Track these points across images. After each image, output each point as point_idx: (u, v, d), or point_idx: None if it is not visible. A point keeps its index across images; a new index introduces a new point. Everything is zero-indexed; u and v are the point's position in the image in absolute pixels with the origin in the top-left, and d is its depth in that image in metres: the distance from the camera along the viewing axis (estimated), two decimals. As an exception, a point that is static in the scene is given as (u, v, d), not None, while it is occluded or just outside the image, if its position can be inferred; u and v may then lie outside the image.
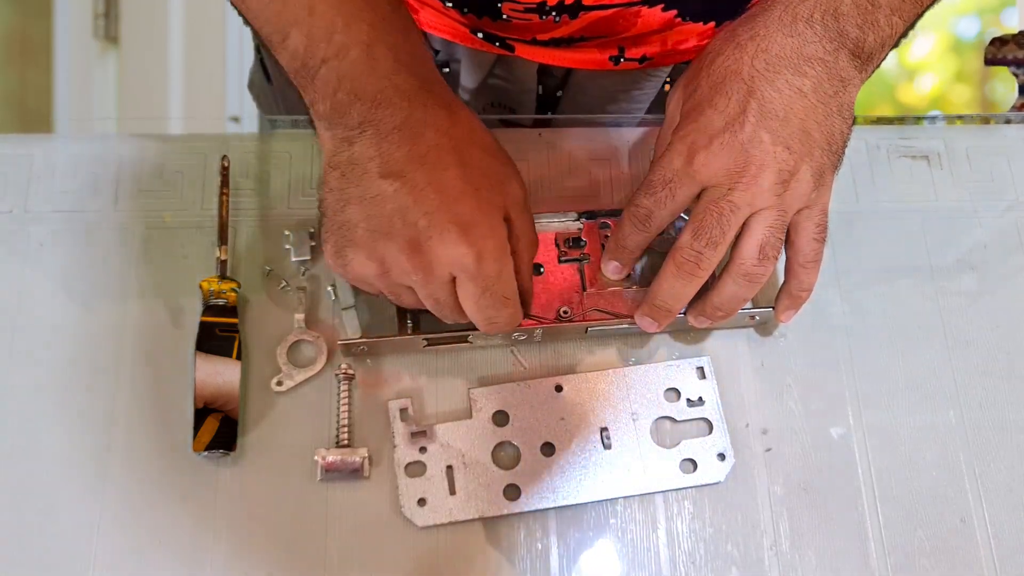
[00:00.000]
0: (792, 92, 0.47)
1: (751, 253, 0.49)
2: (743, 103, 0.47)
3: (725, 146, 0.47)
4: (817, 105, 0.48)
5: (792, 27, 0.48)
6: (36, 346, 0.55)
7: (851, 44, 0.48)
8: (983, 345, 0.59)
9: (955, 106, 1.89)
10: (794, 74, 0.48)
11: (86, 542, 0.51)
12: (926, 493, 0.55)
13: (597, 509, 0.53)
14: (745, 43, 0.48)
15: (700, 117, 0.48)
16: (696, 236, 0.49)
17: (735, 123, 0.47)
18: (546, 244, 0.57)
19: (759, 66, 0.48)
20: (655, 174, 0.50)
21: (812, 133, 0.48)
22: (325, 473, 0.52)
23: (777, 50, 0.48)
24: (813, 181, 0.49)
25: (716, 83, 0.48)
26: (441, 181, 0.46)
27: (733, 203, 0.48)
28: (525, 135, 0.63)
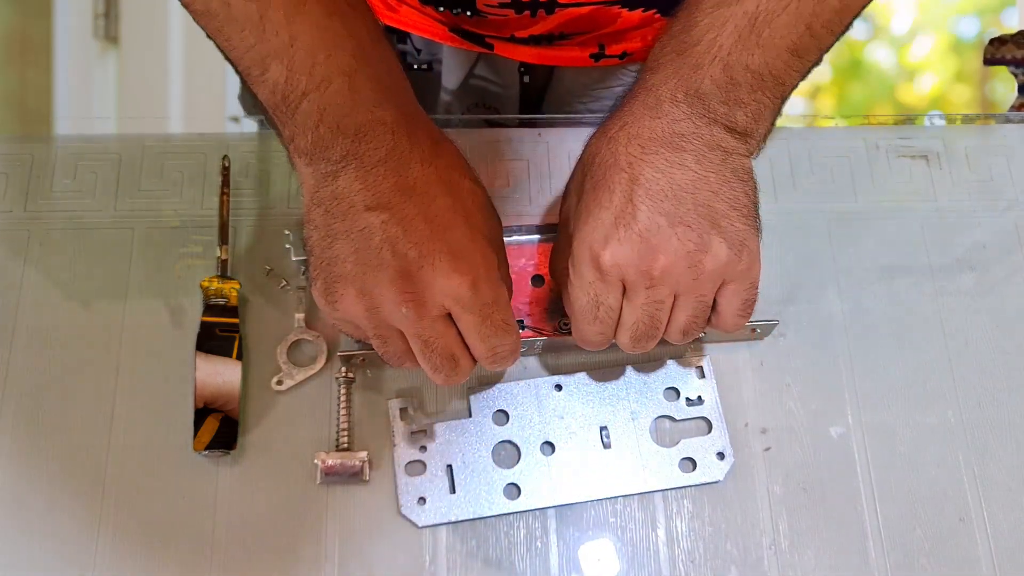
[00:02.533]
0: (675, 168, 0.46)
1: (675, 335, 0.50)
2: (628, 192, 0.46)
3: (623, 241, 0.46)
4: (707, 175, 0.46)
5: (657, 109, 0.47)
6: (36, 346, 0.55)
7: (723, 120, 0.46)
8: (982, 344, 0.59)
9: (955, 106, 1.89)
10: (672, 151, 0.46)
11: (86, 542, 0.51)
12: (925, 492, 0.55)
13: (597, 508, 0.53)
14: (616, 134, 0.47)
15: (590, 219, 0.47)
16: (635, 340, 0.49)
17: (625, 215, 0.46)
18: (547, 255, 0.57)
19: (634, 151, 0.47)
20: (580, 300, 0.49)
21: (711, 204, 0.46)
22: (325, 476, 0.52)
23: (648, 133, 0.47)
24: (731, 252, 0.47)
25: (597, 181, 0.47)
26: (430, 211, 0.45)
27: (656, 301, 0.47)
28: (525, 135, 0.63)
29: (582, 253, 0.47)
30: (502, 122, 0.70)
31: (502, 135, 0.63)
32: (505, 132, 0.64)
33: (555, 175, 0.62)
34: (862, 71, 1.89)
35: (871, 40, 1.93)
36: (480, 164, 0.62)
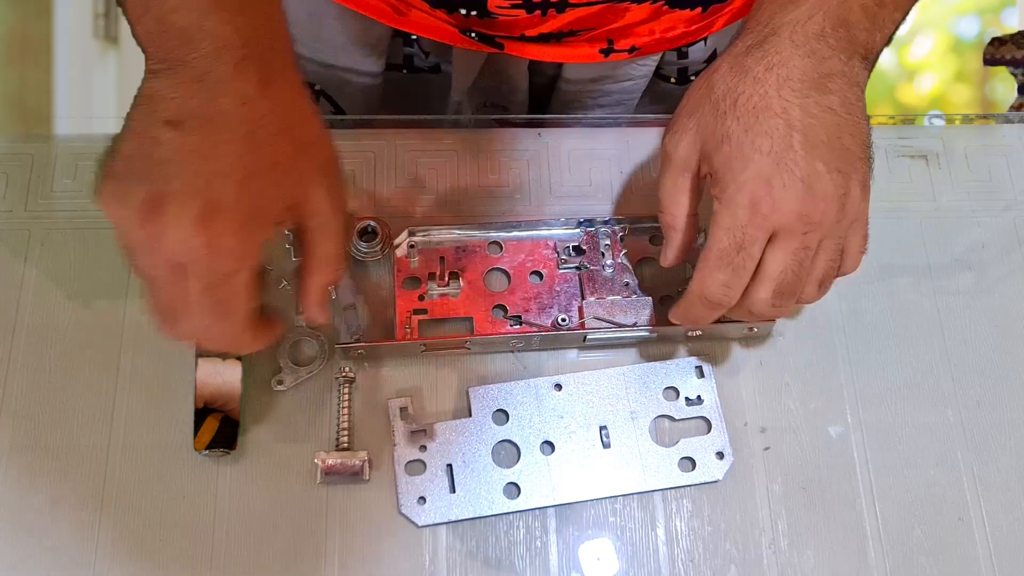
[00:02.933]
0: (825, 113, 0.46)
1: (812, 287, 0.48)
2: (787, 138, 0.46)
3: (788, 188, 0.45)
4: (847, 118, 0.47)
5: (806, 47, 0.46)
6: (36, 346, 0.55)
7: (862, 49, 0.47)
8: (981, 344, 0.59)
9: (955, 106, 1.89)
10: (821, 93, 0.46)
11: (86, 542, 0.51)
12: (924, 491, 0.55)
13: (596, 507, 0.54)
14: (763, 75, 0.47)
15: (749, 164, 0.46)
16: (778, 295, 0.47)
17: (787, 160, 0.46)
18: (545, 251, 0.58)
19: (787, 96, 0.46)
20: (723, 239, 0.47)
21: (851, 148, 0.47)
22: (325, 476, 0.52)
23: (799, 75, 0.46)
24: (862, 194, 0.48)
25: (750, 124, 0.46)
26: (215, 150, 0.40)
27: (808, 247, 0.47)
28: (524, 135, 0.63)
29: (739, 197, 0.46)
30: (505, 122, 0.70)
31: (502, 135, 0.63)
32: (505, 132, 0.64)
33: (555, 174, 0.62)
34: (862, 71, 1.88)
35: (871, 40, 1.92)
36: (480, 163, 0.62)
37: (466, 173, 0.61)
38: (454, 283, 0.56)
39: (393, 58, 0.70)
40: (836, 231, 0.47)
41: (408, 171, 0.61)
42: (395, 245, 0.57)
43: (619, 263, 0.58)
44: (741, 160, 0.46)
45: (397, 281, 0.56)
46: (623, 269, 0.58)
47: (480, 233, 0.58)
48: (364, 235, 0.57)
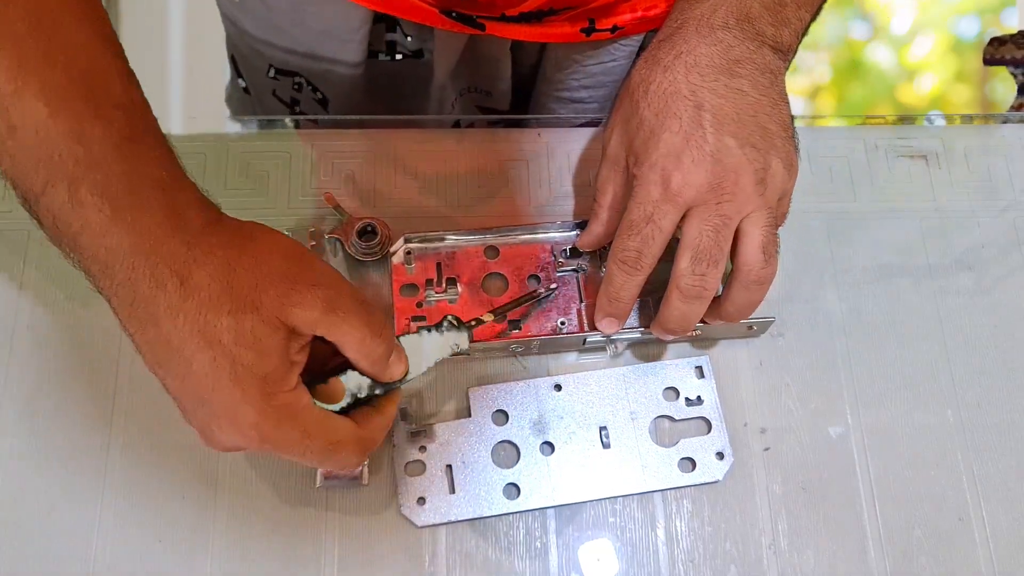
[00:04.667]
0: (734, 94, 0.48)
1: (755, 258, 0.49)
2: (696, 118, 0.48)
3: (697, 162, 0.47)
4: (761, 99, 0.49)
5: (711, 36, 0.49)
6: (36, 346, 0.55)
7: (770, 41, 0.50)
8: (981, 344, 0.59)
9: (955, 106, 1.89)
10: (730, 77, 0.49)
11: (86, 542, 0.51)
12: (924, 492, 0.55)
13: (596, 508, 0.54)
14: (672, 63, 0.49)
15: (659, 144, 0.48)
16: (696, 260, 0.48)
17: (696, 137, 0.48)
18: (542, 254, 0.58)
19: (695, 80, 0.48)
20: (633, 212, 0.49)
21: (767, 126, 0.49)
22: (324, 480, 0.52)
23: (706, 60, 0.49)
24: (786, 171, 0.49)
25: (660, 108, 0.49)
26: (189, 380, 0.39)
27: (724, 215, 0.48)
28: (524, 135, 0.63)
29: (650, 174, 0.48)
30: (505, 122, 0.70)
31: (502, 135, 0.63)
32: (505, 132, 0.64)
33: (555, 175, 0.62)
34: (862, 71, 1.89)
35: (871, 40, 1.93)
36: (480, 164, 0.62)
37: (466, 173, 0.61)
38: (452, 289, 0.56)
39: (376, 45, 0.70)
40: (762, 204, 0.48)
41: (408, 171, 0.61)
42: (392, 252, 0.57)
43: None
44: (654, 140, 0.49)
45: (395, 288, 0.56)
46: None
47: (476, 238, 0.58)
48: (363, 235, 0.57)
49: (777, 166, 0.49)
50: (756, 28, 0.50)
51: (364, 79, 0.72)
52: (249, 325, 0.39)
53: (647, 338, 0.56)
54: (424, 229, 0.58)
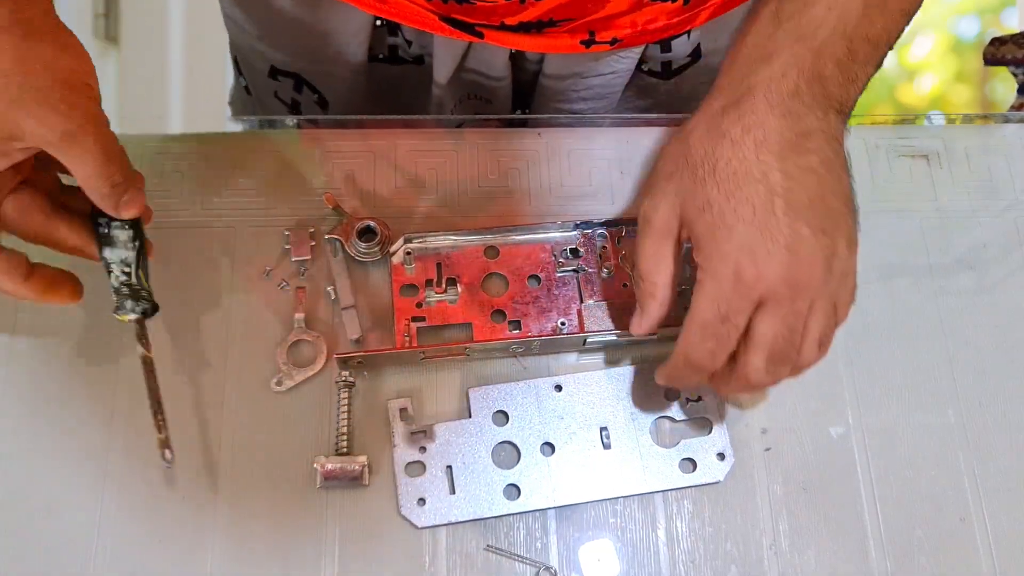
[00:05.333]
0: (804, 174, 0.46)
1: (810, 352, 0.47)
2: (768, 204, 0.45)
3: (772, 254, 0.45)
4: (828, 176, 0.46)
5: (782, 106, 0.46)
6: (36, 346, 0.55)
7: (837, 103, 0.47)
8: (982, 344, 0.59)
9: (955, 106, 1.89)
10: (800, 154, 0.46)
11: (86, 542, 0.51)
12: (925, 492, 0.55)
13: (597, 508, 0.53)
14: (741, 138, 0.46)
15: (732, 234, 0.45)
16: (771, 361, 0.46)
17: (770, 227, 0.45)
18: (542, 255, 0.58)
19: (765, 159, 0.45)
20: (707, 309, 0.46)
21: (834, 205, 0.46)
22: (324, 481, 0.52)
23: (776, 136, 0.46)
24: (848, 250, 0.47)
25: (731, 191, 0.46)
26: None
27: (798, 312, 0.46)
28: (524, 135, 0.63)
29: (722, 267, 0.45)
30: (505, 122, 0.70)
31: (502, 135, 0.63)
32: (505, 132, 0.64)
33: (555, 175, 0.62)
34: (862, 71, 1.88)
35: (871, 40, 1.92)
36: (480, 164, 0.62)
37: (466, 173, 0.61)
38: (452, 289, 0.56)
39: (377, 50, 0.70)
40: (826, 291, 0.46)
41: (408, 171, 0.61)
42: (391, 252, 0.57)
43: (617, 265, 0.58)
44: (724, 229, 0.46)
45: (395, 288, 0.56)
46: (621, 271, 0.58)
47: (476, 238, 0.58)
48: (364, 235, 0.57)
49: (842, 248, 0.46)
50: (826, 90, 0.46)
51: (364, 83, 0.72)
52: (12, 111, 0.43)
53: (632, 342, 0.56)
54: (424, 229, 0.58)
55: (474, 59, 0.67)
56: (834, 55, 0.46)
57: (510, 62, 0.68)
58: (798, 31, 0.46)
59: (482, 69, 0.68)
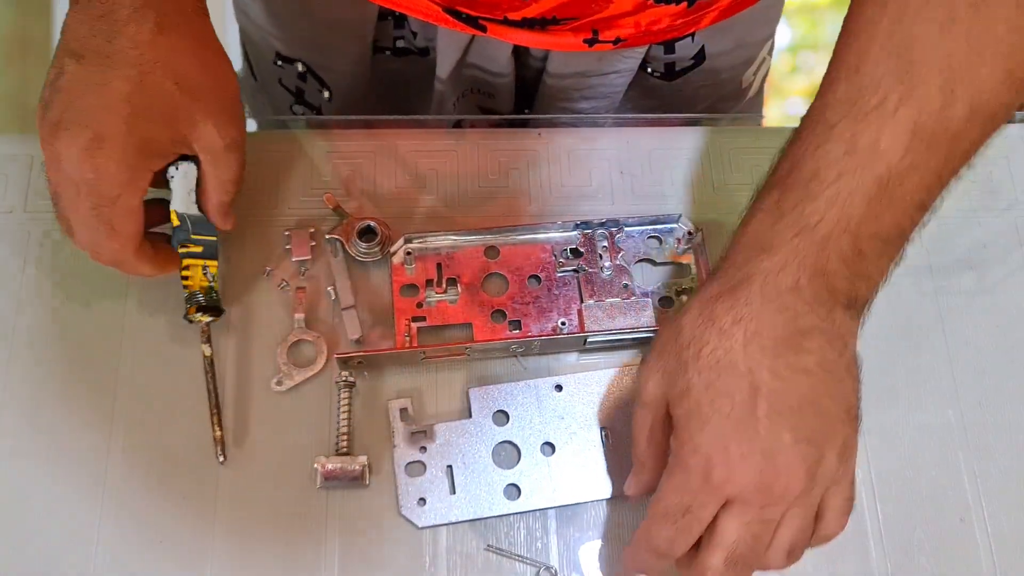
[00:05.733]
0: (797, 375, 0.43)
1: (776, 559, 0.45)
2: (750, 402, 0.42)
3: (745, 457, 0.42)
4: (825, 378, 0.43)
5: (778, 300, 0.43)
6: (36, 346, 0.55)
7: (844, 299, 0.44)
8: (982, 344, 0.59)
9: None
10: (795, 353, 0.43)
11: (86, 542, 0.51)
12: (925, 492, 0.55)
13: (597, 508, 0.53)
14: (731, 329, 0.43)
15: (706, 426, 0.43)
16: (730, 563, 0.43)
17: (747, 428, 0.42)
18: (543, 255, 0.58)
19: (754, 354, 0.43)
20: (671, 497, 0.44)
21: (828, 410, 0.43)
22: (324, 481, 0.52)
23: (768, 331, 0.43)
24: (839, 460, 0.44)
25: (711, 381, 0.43)
26: (107, 87, 0.45)
27: (767, 521, 0.43)
28: (524, 135, 0.63)
29: (692, 459, 0.43)
30: (505, 122, 0.70)
31: (502, 135, 0.63)
32: (505, 132, 0.64)
33: (555, 175, 0.62)
34: (862, 71, 1.88)
35: (871, 40, 1.92)
36: (480, 164, 0.62)
37: (466, 173, 0.61)
38: (452, 289, 0.56)
39: (382, 41, 0.70)
40: (804, 502, 0.44)
41: (408, 171, 0.61)
42: (392, 253, 0.57)
43: (617, 265, 0.58)
44: (699, 419, 0.43)
45: (395, 288, 0.56)
46: (621, 271, 0.58)
47: (476, 238, 0.58)
48: (364, 235, 0.57)
49: (831, 458, 0.43)
50: (830, 286, 0.43)
51: (368, 75, 0.72)
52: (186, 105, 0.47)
53: (632, 342, 0.56)
54: (424, 229, 0.58)
55: (477, 53, 0.67)
56: (838, 250, 0.43)
57: (514, 59, 0.68)
58: (799, 224, 0.43)
59: (484, 64, 0.68)
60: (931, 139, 0.42)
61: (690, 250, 0.59)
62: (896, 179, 0.42)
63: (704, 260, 0.58)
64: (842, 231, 0.43)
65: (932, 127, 0.42)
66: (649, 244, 0.59)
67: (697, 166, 0.63)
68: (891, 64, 0.42)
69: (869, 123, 0.42)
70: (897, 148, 0.42)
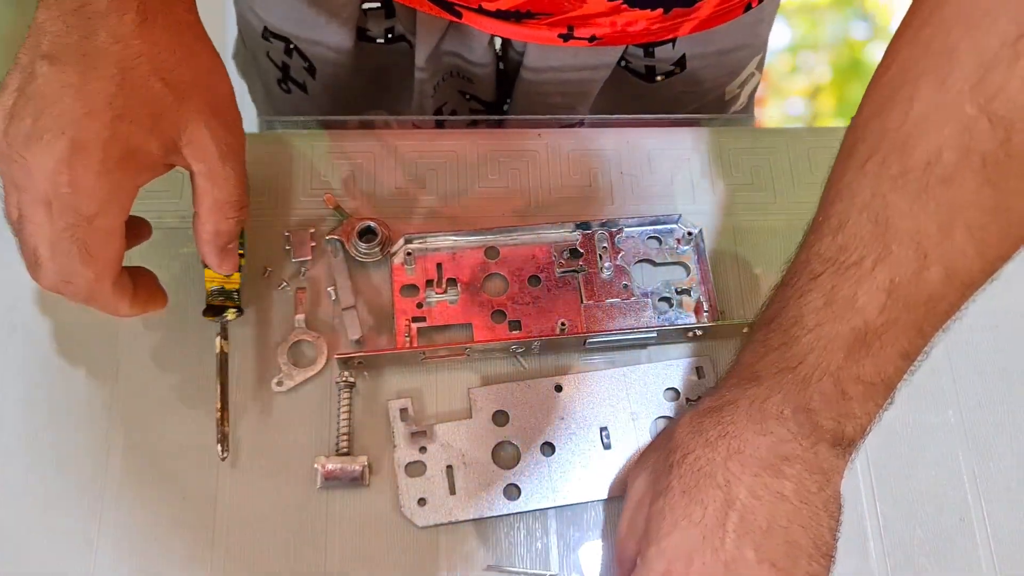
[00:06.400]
0: (773, 497, 0.43)
1: None
2: (721, 515, 0.43)
3: (707, 567, 0.43)
4: (801, 508, 0.44)
5: (762, 424, 0.44)
6: (36, 346, 0.55)
7: (828, 436, 0.44)
8: (982, 345, 0.59)
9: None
10: (773, 476, 0.44)
11: (85, 543, 0.51)
12: (925, 492, 0.55)
13: (597, 509, 0.54)
14: (715, 441, 0.45)
15: (674, 531, 0.44)
16: None
17: (714, 539, 0.43)
18: (543, 255, 0.58)
19: (734, 469, 0.44)
20: None
21: (798, 540, 0.43)
22: (325, 481, 0.52)
23: (751, 450, 0.44)
24: None
25: (688, 487, 0.44)
26: (86, 88, 0.40)
27: None
28: (524, 135, 0.63)
29: (657, 562, 0.44)
30: (505, 122, 0.70)
31: (502, 135, 0.63)
32: (505, 132, 0.64)
33: (554, 175, 0.62)
34: (862, 71, 1.89)
35: (871, 40, 1.93)
36: (480, 164, 0.62)
37: (466, 173, 0.61)
38: (452, 290, 0.56)
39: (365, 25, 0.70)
40: None
41: (408, 171, 0.61)
42: (392, 253, 0.57)
43: (617, 265, 0.58)
44: (670, 522, 0.44)
45: (395, 289, 0.56)
46: (621, 271, 0.58)
47: (477, 239, 0.58)
48: (364, 236, 0.57)
49: None
50: (813, 421, 0.44)
51: (351, 60, 0.72)
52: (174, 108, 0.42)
53: (634, 343, 0.56)
54: (424, 230, 0.58)
55: (454, 41, 0.67)
56: (820, 391, 0.44)
57: (493, 50, 0.68)
58: (781, 362, 0.45)
59: (462, 52, 0.68)
60: (907, 299, 0.42)
61: (690, 250, 0.59)
62: (874, 333, 0.43)
63: (704, 260, 0.58)
64: (823, 374, 0.44)
65: (907, 288, 0.42)
66: (649, 244, 0.59)
67: (697, 166, 0.63)
68: (869, 227, 0.43)
69: (848, 278, 0.43)
70: (874, 305, 0.43)
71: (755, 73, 0.77)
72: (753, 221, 0.61)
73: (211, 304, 0.54)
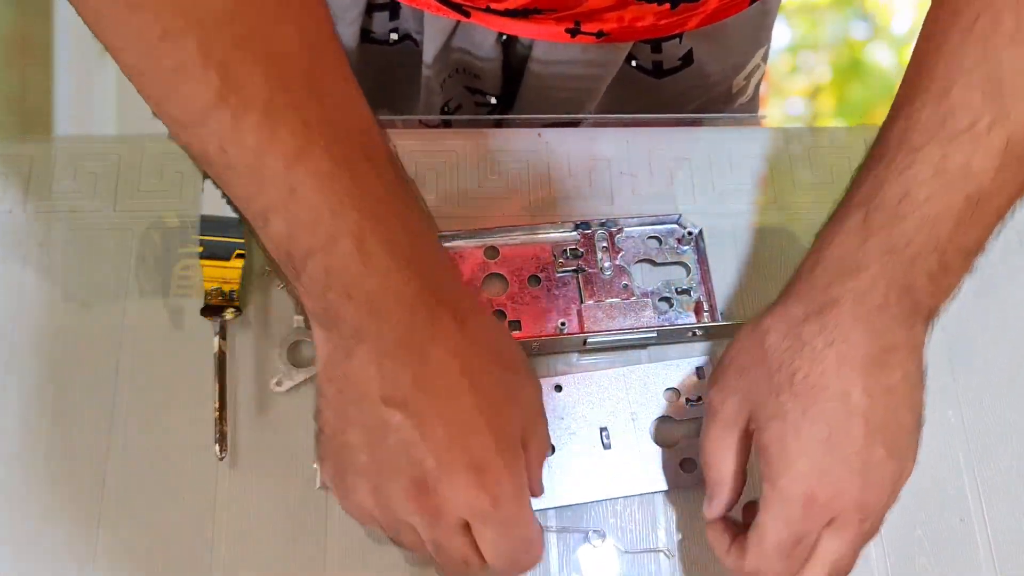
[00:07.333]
0: (884, 393, 0.44)
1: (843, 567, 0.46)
2: (845, 424, 0.43)
3: (844, 480, 0.43)
4: (907, 392, 0.45)
5: (869, 321, 0.44)
6: (36, 346, 0.55)
7: (925, 312, 0.45)
8: (982, 345, 0.59)
9: (955, 106, 1.89)
10: (883, 370, 0.44)
11: (86, 542, 0.51)
12: (925, 492, 0.55)
13: (597, 509, 0.53)
14: (823, 351, 0.44)
15: (804, 453, 0.44)
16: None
17: (845, 449, 0.43)
18: (542, 255, 0.58)
19: (846, 375, 0.44)
20: (778, 534, 0.44)
21: (906, 424, 0.45)
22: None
23: (861, 353, 0.44)
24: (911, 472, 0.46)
25: (807, 406, 0.44)
26: (450, 413, 0.40)
27: (866, 534, 0.45)
28: (524, 135, 0.63)
29: (793, 488, 0.44)
30: (505, 122, 0.70)
31: (501, 134, 0.63)
32: (505, 132, 0.64)
33: (555, 175, 0.62)
34: (862, 71, 1.88)
35: (871, 40, 1.93)
36: (480, 164, 0.62)
37: (466, 173, 0.61)
38: (452, 288, 0.56)
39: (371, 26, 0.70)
40: (884, 513, 0.46)
41: (408, 171, 0.61)
42: (392, 252, 0.57)
43: (617, 265, 0.58)
44: (797, 446, 0.44)
45: None
46: (621, 271, 0.58)
47: (476, 238, 0.58)
48: (364, 236, 0.56)
49: (909, 470, 0.45)
50: (915, 302, 0.44)
51: (355, 57, 0.72)
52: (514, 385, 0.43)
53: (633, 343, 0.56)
54: (424, 229, 0.58)
55: (462, 38, 0.67)
56: (926, 268, 0.44)
57: (500, 46, 0.68)
58: (888, 243, 0.44)
59: (470, 48, 0.68)
60: (1020, 158, 0.43)
61: (690, 250, 0.59)
62: (986, 197, 0.43)
63: (704, 260, 0.58)
64: (931, 249, 0.44)
65: (1021, 147, 0.43)
66: (649, 244, 0.59)
67: (697, 166, 0.63)
68: (982, 88, 0.43)
69: (960, 145, 0.43)
70: (989, 168, 0.43)
71: (761, 64, 0.77)
72: (753, 221, 0.61)
73: (209, 304, 0.54)
